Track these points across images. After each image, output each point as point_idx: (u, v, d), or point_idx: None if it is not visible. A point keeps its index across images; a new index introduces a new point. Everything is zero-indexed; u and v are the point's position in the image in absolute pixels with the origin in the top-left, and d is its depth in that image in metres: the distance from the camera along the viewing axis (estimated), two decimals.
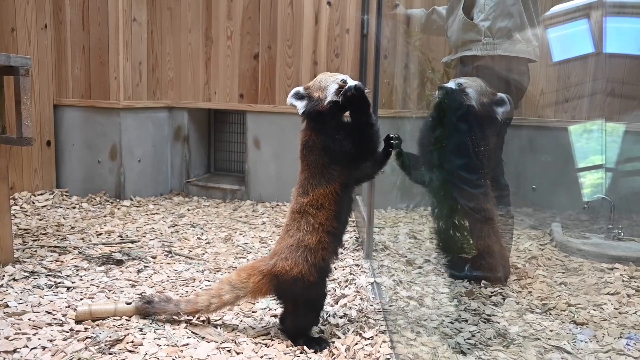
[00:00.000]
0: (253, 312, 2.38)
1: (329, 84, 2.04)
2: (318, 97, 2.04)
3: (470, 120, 2.69)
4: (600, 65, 3.54)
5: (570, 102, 3.88)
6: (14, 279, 2.62)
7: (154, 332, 2.11)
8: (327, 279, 2.16)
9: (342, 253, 3.20)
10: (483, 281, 2.74)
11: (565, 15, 3.36)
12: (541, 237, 3.51)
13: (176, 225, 3.84)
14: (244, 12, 4.58)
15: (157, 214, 4.14)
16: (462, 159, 2.78)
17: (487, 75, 2.72)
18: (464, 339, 2.13)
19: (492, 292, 2.64)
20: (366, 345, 2.07)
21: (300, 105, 2.04)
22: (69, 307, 2.33)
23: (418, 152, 2.94)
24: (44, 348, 1.96)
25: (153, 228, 3.72)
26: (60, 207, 4.15)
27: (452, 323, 2.29)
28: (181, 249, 3.27)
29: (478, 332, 2.20)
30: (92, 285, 2.62)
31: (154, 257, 3.08)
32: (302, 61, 4.47)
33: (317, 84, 2.07)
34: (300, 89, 2.07)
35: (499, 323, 2.30)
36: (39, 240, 3.29)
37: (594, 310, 2.43)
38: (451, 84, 2.71)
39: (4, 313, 2.23)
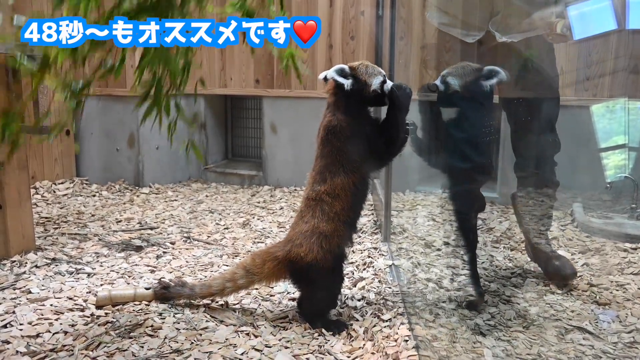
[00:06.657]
0: (271, 295, 2.39)
1: (376, 74, 2.04)
2: (364, 81, 2.02)
3: (463, 105, 2.61)
4: (623, 42, 3.46)
5: (592, 81, 3.79)
6: (36, 266, 2.66)
7: (173, 316, 2.13)
8: (343, 264, 2.15)
9: (359, 237, 3.18)
10: None
11: None
12: (562, 218, 3.44)
13: (195, 211, 3.86)
14: None
15: (175, 200, 4.17)
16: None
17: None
18: (484, 320, 2.11)
19: (512, 274, 2.61)
20: (384, 327, 2.06)
21: (346, 82, 1.99)
22: (89, 292, 2.36)
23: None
24: (65, 333, 1.99)
25: (172, 214, 3.74)
26: (81, 196, 4.20)
27: None
28: (200, 235, 3.29)
29: (498, 314, 2.18)
30: (112, 271, 2.65)
31: (172, 243, 3.10)
32: (317, 44, 4.43)
33: (363, 69, 2.03)
34: (345, 67, 2.02)
35: (519, 304, 2.27)
36: (60, 228, 3.33)
37: (617, 290, 2.39)
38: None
39: (27, 299, 2.27)
